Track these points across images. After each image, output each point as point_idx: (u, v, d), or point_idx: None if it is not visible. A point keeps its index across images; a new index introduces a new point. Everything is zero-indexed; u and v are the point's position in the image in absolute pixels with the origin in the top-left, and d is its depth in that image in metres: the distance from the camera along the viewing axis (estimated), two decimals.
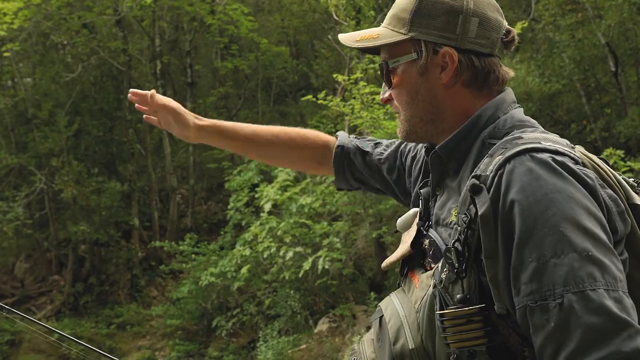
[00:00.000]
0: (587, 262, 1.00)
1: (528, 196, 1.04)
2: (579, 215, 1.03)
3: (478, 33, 1.24)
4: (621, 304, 0.99)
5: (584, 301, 0.98)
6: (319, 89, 14.19)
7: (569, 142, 1.16)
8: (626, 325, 0.97)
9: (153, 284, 15.48)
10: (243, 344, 12.30)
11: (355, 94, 10.19)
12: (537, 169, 1.06)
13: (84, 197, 14.93)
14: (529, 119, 1.26)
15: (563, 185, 1.04)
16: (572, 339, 0.97)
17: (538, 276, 1.01)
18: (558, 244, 1.01)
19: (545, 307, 1.01)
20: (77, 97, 16.72)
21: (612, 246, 1.04)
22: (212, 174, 16.47)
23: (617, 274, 1.02)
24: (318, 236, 10.59)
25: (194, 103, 17.91)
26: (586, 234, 1.02)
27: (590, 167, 1.11)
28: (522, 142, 1.11)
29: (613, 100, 12.86)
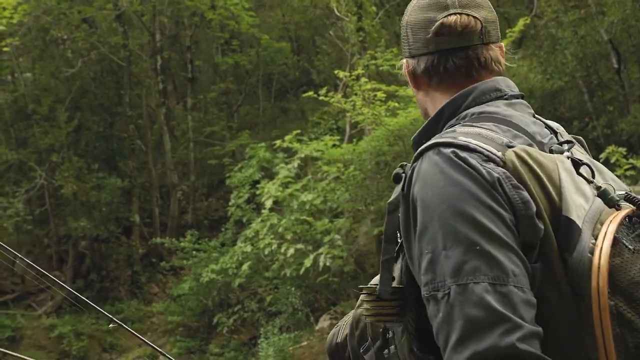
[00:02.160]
0: (475, 256, 1.02)
1: (427, 190, 1.09)
2: (472, 209, 1.05)
3: (414, 39, 1.32)
4: (507, 299, 1.00)
5: (466, 294, 1.01)
6: (320, 85, 14.14)
7: (511, 141, 1.15)
8: (504, 320, 0.98)
9: (154, 281, 15.45)
10: (244, 341, 12.29)
11: (356, 90, 10.15)
12: (440, 163, 1.10)
13: (84, 193, 14.90)
14: (495, 112, 1.24)
15: (461, 179, 1.07)
16: (455, 330, 1.01)
17: (432, 268, 1.06)
18: (449, 236, 1.04)
19: (435, 298, 1.05)
20: (77, 93, 16.66)
21: (512, 242, 1.05)
22: (213, 171, 16.43)
23: (511, 268, 1.02)
24: (319, 233, 10.56)
25: (195, 99, 17.87)
26: (478, 227, 1.04)
27: (516, 168, 1.09)
28: (442, 136, 1.16)
29: (615, 97, 12.81)
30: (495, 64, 1.32)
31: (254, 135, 15.92)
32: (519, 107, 1.29)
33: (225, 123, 17.50)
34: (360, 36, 12.17)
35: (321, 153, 10.75)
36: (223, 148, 15.88)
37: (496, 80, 1.31)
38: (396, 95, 10.21)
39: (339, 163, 10.69)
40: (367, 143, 10.47)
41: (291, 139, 10.97)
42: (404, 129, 9.74)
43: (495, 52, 1.33)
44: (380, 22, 14.01)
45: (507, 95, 1.29)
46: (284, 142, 10.98)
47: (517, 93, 1.32)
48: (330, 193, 10.75)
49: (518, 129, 1.20)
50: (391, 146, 10.31)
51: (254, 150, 12.71)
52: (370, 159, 10.58)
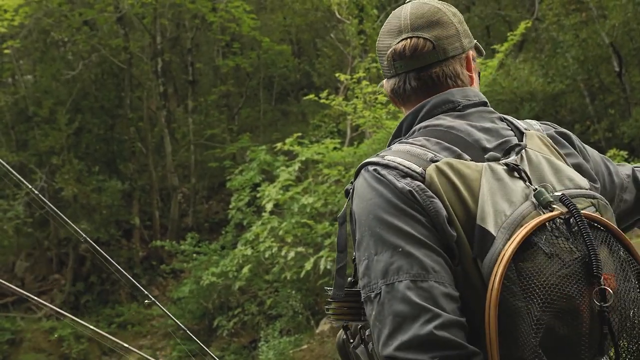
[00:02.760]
0: (398, 257, 1.15)
1: (359, 203, 1.24)
2: (392, 216, 1.18)
3: (381, 63, 1.45)
4: (428, 293, 1.11)
5: (393, 292, 1.13)
6: (321, 87, 14.13)
7: (436, 155, 1.24)
8: (424, 311, 1.09)
9: (154, 284, 15.42)
10: (244, 344, 12.26)
11: (357, 93, 10.13)
12: (367, 179, 1.25)
13: (84, 196, 14.88)
14: (439, 125, 1.32)
15: (382, 191, 1.21)
16: (385, 326, 1.13)
17: (367, 272, 1.18)
18: (378, 242, 1.17)
19: (370, 299, 1.17)
20: (77, 95, 16.66)
21: (431, 242, 1.16)
22: (214, 173, 16.41)
23: (430, 264, 1.14)
24: (320, 236, 10.53)
25: (196, 101, 17.86)
26: (399, 232, 1.17)
27: (433, 181, 1.19)
28: (376, 155, 1.30)
29: (617, 100, 12.81)
30: (451, 79, 1.38)
31: (254, 138, 15.91)
32: (472, 116, 1.35)
33: (226, 126, 17.49)
34: (361, 39, 12.16)
35: (322, 156, 10.73)
36: (224, 151, 15.86)
37: (450, 92, 1.37)
38: None
39: (339, 166, 10.67)
40: (368, 146, 10.44)
41: (292, 142, 10.95)
42: None
43: (453, 66, 1.38)
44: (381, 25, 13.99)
45: (461, 106, 1.36)
46: (285, 145, 10.96)
47: (473, 102, 1.37)
48: (331, 196, 10.73)
49: (455, 140, 1.28)
50: None
51: (254, 153, 12.69)
52: None
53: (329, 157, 10.67)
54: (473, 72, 1.43)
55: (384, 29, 1.44)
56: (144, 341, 13.70)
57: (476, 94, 1.39)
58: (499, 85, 11.13)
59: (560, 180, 1.27)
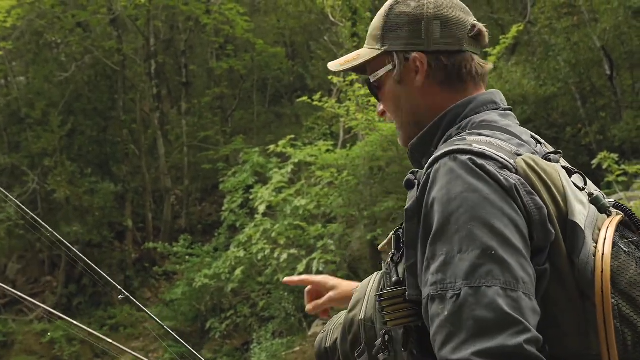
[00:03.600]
0: (489, 260, 1.05)
1: (445, 195, 1.11)
2: (490, 215, 1.08)
3: (442, 34, 1.31)
4: (517, 304, 1.04)
5: (478, 296, 1.04)
6: (314, 90, 14.15)
7: (519, 150, 1.19)
8: (514, 323, 1.02)
9: (147, 286, 15.40)
10: (237, 346, 12.25)
11: (350, 95, 10.16)
12: (457, 169, 1.12)
13: (77, 198, 14.85)
14: (495, 121, 1.28)
15: (479, 185, 1.10)
16: (462, 330, 1.03)
17: (444, 269, 1.08)
18: (465, 240, 1.07)
19: (443, 297, 1.07)
20: (70, 97, 16.63)
21: (524, 249, 1.08)
22: (207, 175, 16.40)
23: (521, 275, 1.06)
24: (312, 238, 10.55)
25: (189, 103, 17.85)
26: (494, 233, 1.07)
27: (528, 175, 1.14)
28: (455, 144, 1.18)
29: (608, 103, 12.87)
30: (485, 79, 1.39)
31: (248, 140, 15.91)
32: (511, 119, 1.33)
33: (220, 128, 17.49)
34: (354, 42, 12.18)
35: (315, 158, 10.75)
36: (217, 153, 15.86)
37: (492, 93, 1.35)
38: None
39: (332, 168, 10.69)
40: (360, 148, 10.47)
41: (285, 144, 10.96)
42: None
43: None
44: None
45: (501, 108, 1.34)
46: (278, 147, 10.97)
47: (508, 107, 1.37)
48: (324, 198, 10.75)
49: (518, 138, 1.25)
50: (385, 152, 10.31)
51: (247, 155, 12.70)
52: (363, 164, 10.58)
53: (322, 160, 10.69)
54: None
55: (450, 3, 1.34)
56: (136, 343, 13.67)
57: (505, 100, 1.39)
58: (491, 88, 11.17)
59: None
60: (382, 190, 10.83)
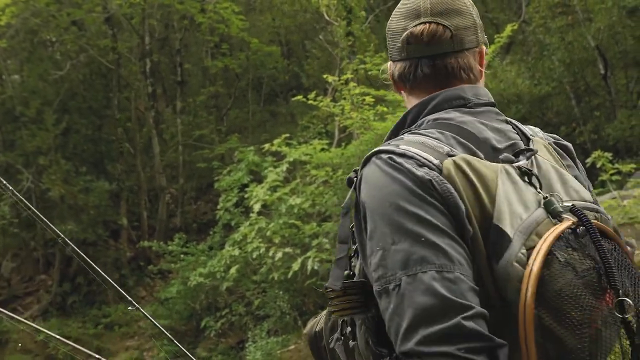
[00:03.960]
0: (421, 247, 1.09)
1: (372, 191, 1.17)
2: (413, 205, 1.12)
3: (392, 45, 1.37)
4: (454, 284, 1.05)
5: (416, 283, 1.06)
6: (309, 89, 14.16)
7: (452, 150, 1.20)
8: (453, 304, 1.04)
9: (141, 284, 15.39)
10: (232, 345, 12.25)
11: (345, 94, 10.17)
12: (381, 166, 1.18)
13: (71, 196, 14.83)
14: (450, 119, 1.28)
15: (401, 178, 1.15)
16: (404, 320, 1.06)
17: (383, 263, 1.11)
18: (396, 232, 1.11)
19: (387, 291, 1.10)
20: (65, 95, 16.60)
21: (453, 232, 1.11)
22: (202, 174, 16.40)
23: (456, 256, 1.08)
24: (307, 237, 10.55)
25: (184, 102, 17.84)
26: (421, 221, 1.11)
27: (450, 175, 1.15)
28: (387, 143, 1.24)
29: (602, 103, 12.92)
30: (464, 72, 1.34)
31: (243, 139, 15.91)
32: (483, 115, 1.31)
33: (215, 126, 17.49)
34: (349, 40, 12.20)
35: (310, 157, 10.75)
36: (212, 151, 15.86)
37: (462, 88, 1.33)
38: (385, 100, 10.24)
39: (327, 167, 10.70)
40: (355, 147, 10.48)
41: (280, 143, 10.97)
42: None
43: (467, 59, 1.34)
44: (370, 27, 14.05)
45: (472, 104, 1.32)
46: (273, 146, 10.98)
47: (484, 101, 1.34)
48: (319, 197, 10.75)
49: (467, 136, 1.24)
50: None
51: (242, 154, 12.70)
52: (358, 163, 10.54)
53: (316, 158, 10.69)
54: (483, 67, 1.40)
55: (400, 10, 1.37)
56: (130, 342, 13.66)
57: (486, 94, 1.36)
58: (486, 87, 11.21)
59: (567, 191, 1.24)
60: None
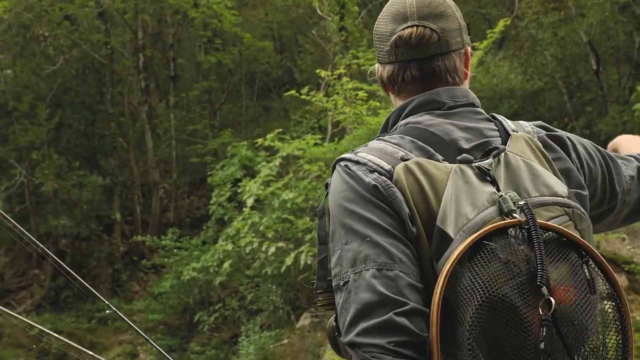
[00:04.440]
0: (366, 246, 1.18)
1: (332, 196, 1.28)
2: (362, 208, 1.22)
3: (380, 47, 1.41)
4: (393, 282, 1.14)
5: (360, 280, 1.16)
6: (302, 84, 14.16)
7: (408, 154, 1.26)
8: (387, 300, 1.13)
9: (135, 279, 15.39)
10: (225, 339, 12.28)
11: (338, 89, 10.19)
12: (340, 174, 1.28)
13: (65, 191, 14.81)
14: (418, 122, 1.34)
15: (351, 184, 1.25)
16: (349, 313, 1.16)
17: (339, 262, 1.21)
18: (348, 233, 1.21)
19: (339, 287, 1.20)
20: (58, 90, 16.55)
21: (398, 233, 1.19)
22: (195, 169, 16.40)
23: (397, 254, 1.17)
24: (300, 231, 10.57)
25: (177, 97, 17.82)
26: (368, 222, 1.20)
27: (399, 179, 1.21)
28: (350, 151, 1.33)
29: (594, 98, 12.97)
30: (450, 75, 1.37)
31: (236, 134, 15.91)
32: (457, 116, 1.34)
33: (208, 121, 17.48)
34: (342, 36, 12.21)
35: (303, 152, 10.77)
36: (205, 146, 15.85)
37: (436, 92, 1.37)
38: (377, 95, 10.26)
39: (320, 162, 10.72)
40: (348, 142, 10.50)
41: (273, 138, 10.98)
42: None
43: (454, 61, 1.37)
44: (363, 22, 14.07)
45: (446, 107, 1.35)
46: (266, 141, 10.99)
47: (461, 102, 1.37)
48: (312, 192, 10.77)
49: (430, 139, 1.29)
50: None
51: (236, 148, 12.71)
52: None
53: (309, 153, 10.71)
54: (469, 68, 1.42)
55: (387, 13, 1.39)
56: (124, 336, 13.67)
57: (465, 94, 1.39)
58: (479, 83, 11.23)
59: (536, 186, 1.25)
60: None
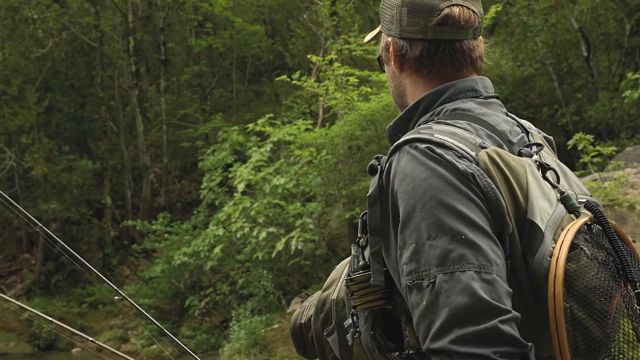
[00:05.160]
0: (460, 245, 1.05)
1: (409, 182, 1.11)
2: (455, 200, 1.08)
3: (409, 21, 1.29)
4: (492, 286, 1.03)
5: (452, 282, 1.03)
6: (294, 68, 14.13)
7: (484, 142, 1.18)
8: (489, 306, 1.02)
9: (125, 263, 15.40)
10: (216, 324, 12.33)
11: (329, 75, 10.18)
12: (418, 157, 1.12)
13: (54, 175, 14.75)
14: (469, 109, 1.26)
15: (442, 171, 1.10)
16: (439, 317, 1.03)
17: (416, 257, 1.07)
18: (433, 227, 1.07)
19: (420, 287, 1.06)
20: (47, 73, 16.43)
21: (492, 232, 1.08)
22: (186, 153, 16.38)
23: (493, 257, 1.06)
24: (291, 217, 10.61)
25: (168, 81, 17.73)
26: (461, 217, 1.07)
27: (488, 168, 1.12)
28: (418, 132, 1.18)
29: (584, 84, 13.00)
30: (480, 60, 1.33)
31: (227, 118, 15.87)
32: (493, 107, 1.30)
33: (199, 106, 17.42)
34: (334, 21, 12.17)
35: (294, 137, 10.77)
36: (196, 131, 15.81)
37: (474, 80, 1.31)
38: (369, 80, 10.26)
39: (311, 147, 10.73)
40: (339, 127, 10.52)
41: (264, 123, 10.97)
42: (377, 113, 9.81)
43: (482, 47, 1.34)
44: (354, 7, 14.02)
45: (483, 97, 1.30)
46: (257, 126, 10.98)
47: (492, 94, 1.33)
48: (303, 177, 10.79)
49: (490, 128, 1.23)
50: (364, 131, 10.38)
51: (226, 133, 12.69)
52: (342, 143, 10.64)
53: (300, 138, 10.72)
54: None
55: None
56: (115, 321, 13.70)
57: (491, 86, 1.34)
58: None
59: (569, 184, 1.24)
60: (360, 169, 10.89)
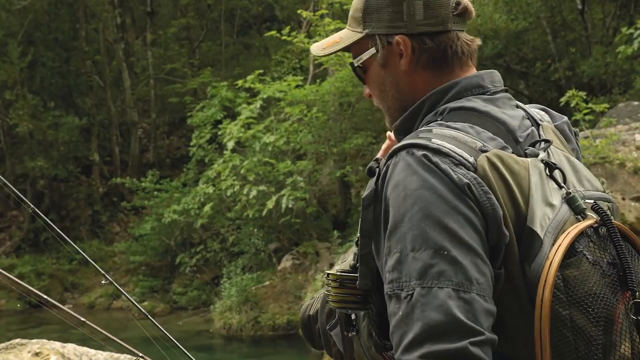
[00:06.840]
0: (442, 260, 1.04)
1: (401, 191, 1.09)
2: (443, 213, 1.06)
3: (425, 14, 1.24)
4: (469, 306, 1.02)
5: (429, 297, 1.03)
6: (284, 21, 13.86)
7: (485, 145, 1.13)
8: (463, 326, 1.01)
9: (115, 220, 15.34)
10: (207, 281, 12.38)
11: (320, 30, 9.96)
12: (412, 164, 1.10)
13: (40, 132, 14.54)
14: (473, 108, 1.21)
15: (434, 182, 1.07)
16: (412, 330, 1.03)
17: (399, 267, 1.07)
18: (418, 239, 1.05)
19: (398, 297, 1.06)
20: (30, 26, 16.03)
21: (479, 248, 1.05)
22: (175, 108, 16.14)
23: (475, 275, 1.04)
24: (282, 174, 10.54)
25: (154, 34, 17.36)
26: (447, 232, 1.05)
27: (486, 174, 1.09)
28: (417, 136, 1.15)
29: (578, 38, 12.87)
30: (475, 53, 1.30)
31: (215, 72, 15.61)
32: (501, 102, 1.26)
33: (187, 59, 17.11)
34: None
35: (284, 94, 10.61)
36: (184, 85, 15.57)
37: (480, 75, 1.27)
38: None
39: (302, 104, 10.58)
40: (330, 84, 10.36)
41: (253, 79, 10.79)
42: None
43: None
44: None
45: (490, 92, 1.26)
46: (246, 83, 10.80)
47: (500, 88, 1.28)
48: (293, 134, 10.69)
49: (494, 128, 1.19)
50: (355, 87, 10.21)
51: (215, 89, 12.49)
52: (333, 100, 10.49)
53: (291, 95, 10.56)
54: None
55: None
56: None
57: (500, 79, 1.29)
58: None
59: (579, 181, 1.21)
60: (351, 127, 10.79)
